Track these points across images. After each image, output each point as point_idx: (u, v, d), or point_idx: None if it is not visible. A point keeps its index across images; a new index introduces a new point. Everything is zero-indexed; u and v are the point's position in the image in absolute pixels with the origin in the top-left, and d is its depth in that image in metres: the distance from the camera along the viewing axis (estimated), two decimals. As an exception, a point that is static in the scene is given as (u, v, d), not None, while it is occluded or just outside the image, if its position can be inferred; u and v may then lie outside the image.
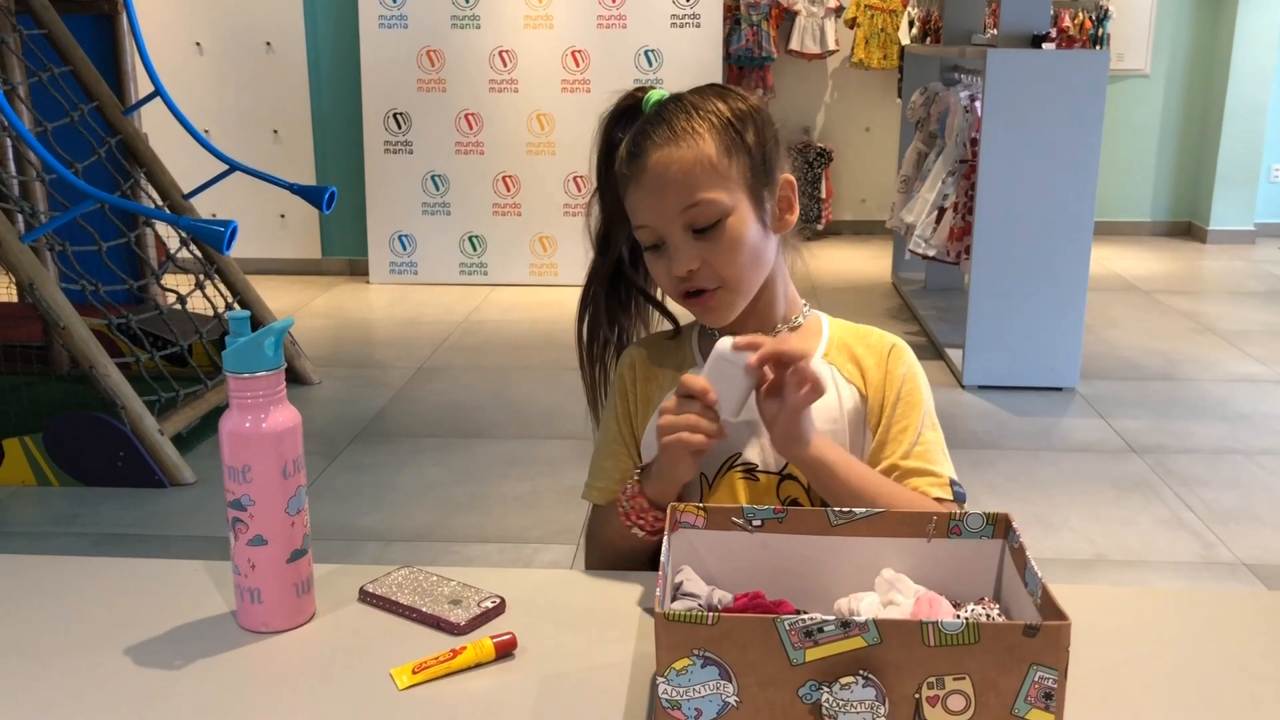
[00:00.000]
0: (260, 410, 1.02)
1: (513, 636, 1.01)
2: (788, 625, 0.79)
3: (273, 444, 1.03)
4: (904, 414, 1.23)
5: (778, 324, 1.27)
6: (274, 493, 1.03)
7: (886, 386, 1.24)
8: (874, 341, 1.28)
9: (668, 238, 1.19)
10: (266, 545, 1.04)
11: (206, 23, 6.09)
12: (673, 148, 1.17)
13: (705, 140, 1.18)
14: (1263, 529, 3.09)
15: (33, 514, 3.24)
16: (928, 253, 4.75)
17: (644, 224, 1.20)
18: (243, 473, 1.02)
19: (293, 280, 6.20)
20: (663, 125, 1.19)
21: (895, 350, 1.26)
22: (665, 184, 1.17)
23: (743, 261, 1.19)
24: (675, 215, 1.17)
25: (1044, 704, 0.80)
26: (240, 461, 1.02)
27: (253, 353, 1.01)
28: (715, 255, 1.18)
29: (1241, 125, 7.06)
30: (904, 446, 1.21)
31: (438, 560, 2.84)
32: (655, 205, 1.18)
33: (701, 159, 1.17)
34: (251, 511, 1.03)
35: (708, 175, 1.17)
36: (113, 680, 0.98)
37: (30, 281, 3.39)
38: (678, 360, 1.31)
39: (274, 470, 1.03)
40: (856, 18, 7.09)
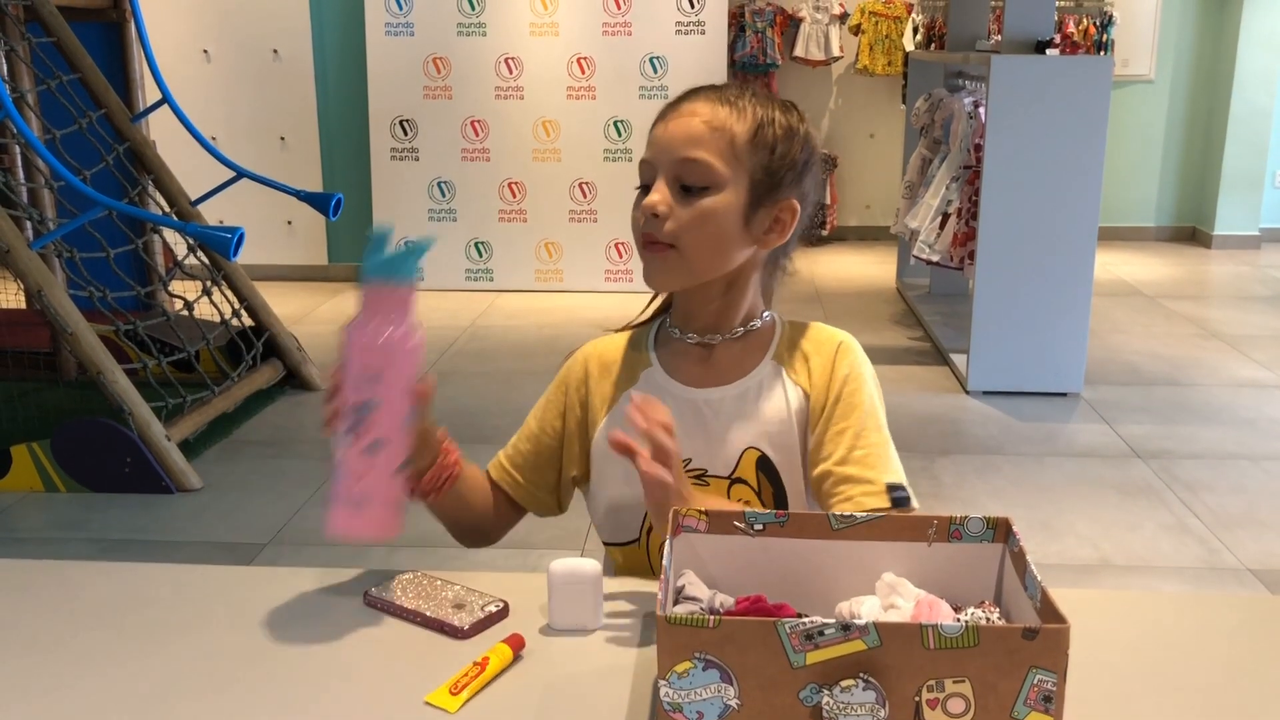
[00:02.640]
0: (398, 322, 1.04)
1: (520, 636, 1.02)
2: (788, 628, 0.79)
3: (406, 355, 1.05)
4: (843, 415, 1.21)
5: (735, 326, 1.27)
6: (399, 402, 1.06)
7: (830, 386, 1.23)
8: (822, 339, 1.27)
9: (656, 176, 1.20)
10: (384, 453, 1.06)
11: (214, 30, 6.11)
12: (711, 105, 1.20)
13: (741, 120, 1.19)
14: (1267, 534, 3.09)
15: (40, 520, 3.26)
16: (932, 258, 4.75)
17: (647, 156, 1.21)
18: (376, 378, 1.04)
19: (299, 286, 6.21)
20: (716, 90, 1.22)
21: (841, 348, 1.25)
22: (683, 129, 1.19)
23: (705, 236, 1.19)
24: (674, 161, 1.18)
25: (1043, 707, 0.80)
26: (375, 368, 1.04)
27: (402, 265, 1.03)
28: (685, 215, 1.18)
29: (1246, 130, 7.06)
30: (840, 450, 1.20)
31: (443, 565, 2.84)
32: (664, 143, 1.20)
33: (727, 129, 1.19)
34: (375, 418, 1.05)
35: (724, 146, 1.18)
36: (121, 684, 0.99)
37: (38, 288, 3.41)
38: (633, 360, 1.31)
39: (402, 380, 1.06)
40: (861, 24, 7.10)
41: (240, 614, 1.11)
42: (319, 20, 6.11)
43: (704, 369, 1.27)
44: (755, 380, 1.25)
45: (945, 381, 4.48)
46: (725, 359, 1.26)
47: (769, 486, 1.23)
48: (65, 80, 4.03)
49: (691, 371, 1.27)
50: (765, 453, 1.23)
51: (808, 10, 7.08)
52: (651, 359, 1.30)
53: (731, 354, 1.27)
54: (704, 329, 1.27)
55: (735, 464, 1.23)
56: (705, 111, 1.19)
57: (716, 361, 1.26)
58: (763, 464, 1.23)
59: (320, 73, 6.17)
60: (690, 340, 1.27)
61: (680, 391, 1.26)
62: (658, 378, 1.28)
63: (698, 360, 1.27)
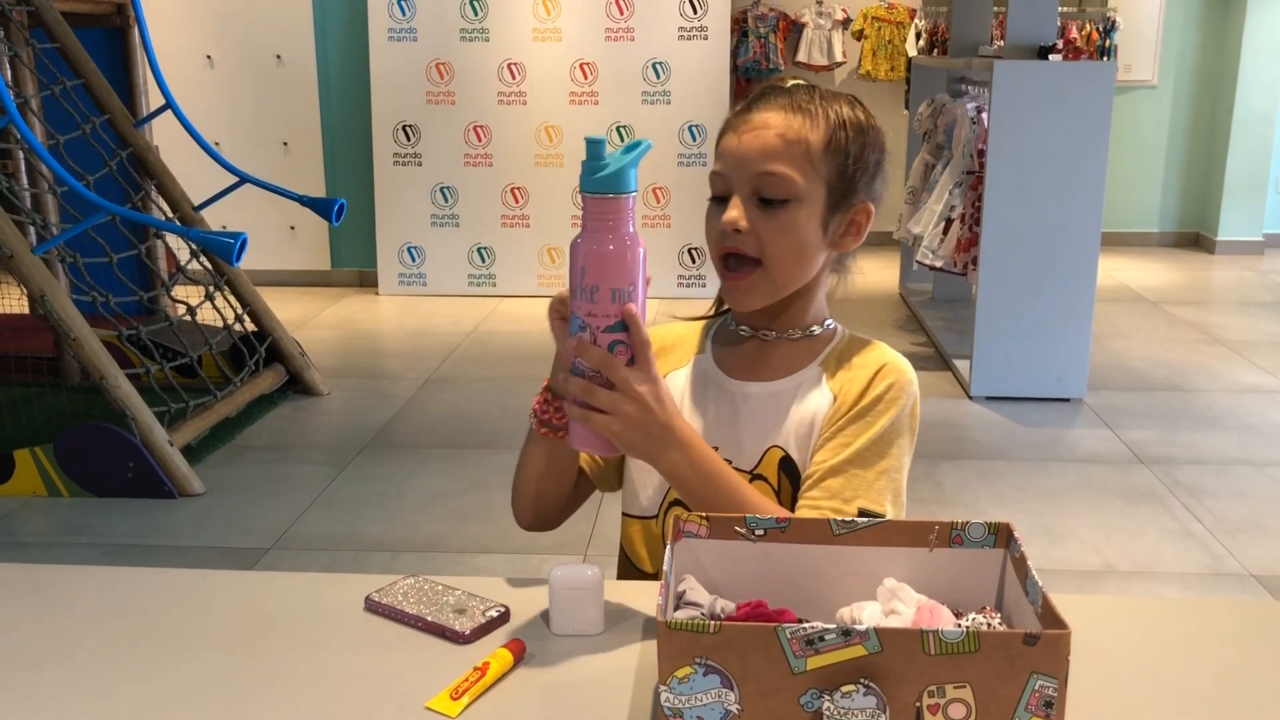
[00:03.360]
0: (635, 230, 1.03)
1: (520, 642, 1.02)
2: (789, 633, 0.79)
3: (644, 263, 1.04)
4: (856, 431, 1.19)
5: (794, 329, 1.27)
6: (644, 308, 1.05)
7: (859, 400, 1.21)
8: (870, 357, 1.25)
9: (733, 190, 1.19)
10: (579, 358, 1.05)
11: (217, 36, 6.12)
12: (783, 114, 1.19)
13: (815, 128, 1.19)
14: (1271, 540, 3.09)
15: (43, 525, 3.26)
16: (935, 264, 4.75)
17: (721, 170, 1.20)
18: (629, 292, 1.02)
19: (302, 292, 6.22)
20: (786, 94, 1.21)
21: (885, 369, 1.23)
22: (758, 140, 1.18)
23: (789, 250, 1.19)
24: (751, 175, 1.17)
25: (1044, 713, 0.80)
26: (628, 281, 1.02)
27: (627, 174, 1.00)
28: (768, 230, 1.18)
29: (1249, 136, 7.06)
30: (832, 461, 1.18)
31: (446, 571, 2.85)
32: (740, 155, 1.18)
33: (802, 138, 1.18)
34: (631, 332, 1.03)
35: (800, 155, 1.18)
36: (123, 689, 0.99)
37: (41, 293, 3.41)
38: (690, 346, 1.32)
39: (645, 285, 1.04)
40: (864, 30, 7.11)
41: (241, 618, 1.11)
42: (322, 26, 6.12)
43: (751, 364, 1.27)
44: (795, 382, 1.25)
45: (948, 387, 4.48)
46: (775, 358, 1.27)
47: (789, 486, 1.23)
48: (69, 86, 4.04)
49: (739, 365, 1.28)
50: (789, 453, 1.23)
51: (810, 15, 7.08)
52: (706, 346, 1.31)
53: (783, 354, 1.27)
54: (761, 326, 1.27)
55: (758, 460, 1.23)
56: (778, 122, 1.18)
57: (766, 359, 1.27)
58: (785, 464, 1.23)
59: (323, 78, 6.18)
60: (744, 334, 1.28)
61: (722, 381, 1.27)
62: (705, 365, 1.29)
63: (748, 355, 1.28)
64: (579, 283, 1.02)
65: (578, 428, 1.08)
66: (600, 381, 1.05)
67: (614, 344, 1.04)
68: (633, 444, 1.08)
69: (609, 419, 1.06)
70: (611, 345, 1.03)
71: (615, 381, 1.05)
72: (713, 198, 1.22)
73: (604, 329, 1.03)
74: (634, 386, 1.05)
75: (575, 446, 1.10)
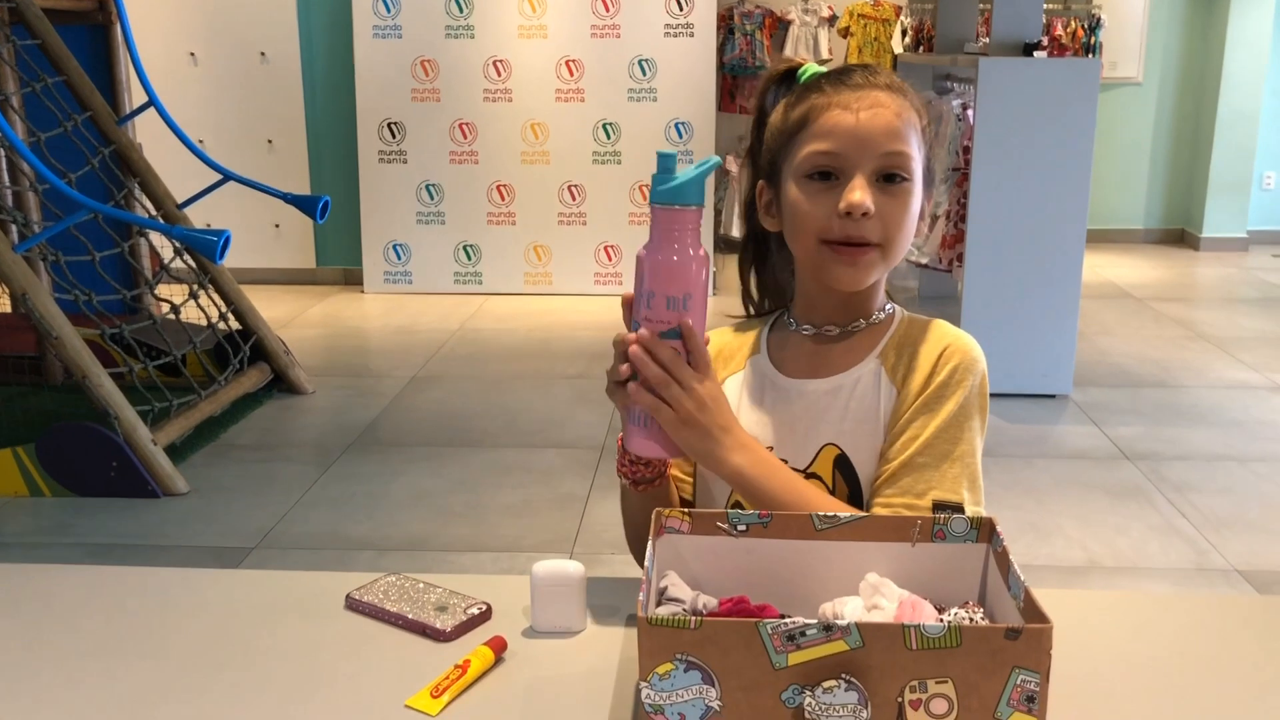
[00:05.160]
0: (697, 243, 1.04)
1: (502, 639, 1.02)
2: (770, 629, 0.79)
3: (707, 276, 1.06)
4: (924, 423, 1.16)
5: (857, 319, 1.23)
6: (703, 321, 1.07)
7: (925, 387, 1.18)
8: (932, 340, 1.21)
9: (853, 170, 1.13)
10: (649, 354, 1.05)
11: (201, 33, 6.09)
12: (890, 95, 1.15)
13: (912, 109, 1.17)
14: (1256, 535, 3.10)
15: (25, 524, 3.24)
16: (921, 261, 4.76)
17: (835, 148, 1.13)
18: (684, 300, 1.04)
19: (287, 290, 6.20)
20: (879, 74, 1.17)
21: (949, 350, 1.19)
22: (880, 119, 1.13)
23: (907, 233, 1.16)
24: (877, 154, 1.13)
25: (1026, 707, 0.80)
26: (683, 290, 1.04)
27: (694, 187, 1.02)
28: (892, 212, 1.14)
29: (1233, 133, 7.09)
30: (902, 456, 1.15)
31: (431, 569, 2.84)
32: (860, 133, 1.13)
33: (912, 119, 1.15)
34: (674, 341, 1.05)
35: (914, 135, 1.15)
36: (103, 687, 0.98)
37: (23, 292, 3.39)
38: (746, 347, 1.29)
39: (705, 298, 1.06)
40: (850, 27, 7.12)
41: (222, 617, 1.10)
42: (307, 23, 6.10)
43: (808, 361, 1.24)
44: (853, 377, 1.21)
45: (934, 383, 4.48)
46: (833, 353, 1.23)
47: (844, 485, 1.19)
48: (50, 83, 4.01)
49: (795, 362, 1.24)
50: (844, 451, 1.19)
51: (796, 13, 7.08)
52: (762, 346, 1.28)
53: (840, 348, 1.23)
54: (825, 320, 1.23)
55: (813, 458, 1.20)
56: (891, 101, 1.14)
57: (824, 354, 1.23)
58: (840, 462, 1.19)
59: (308, 75, 6.15)
60: (805, 331, 1.24)
61: (779, 380, 1.24)
62: (762, 364, 1.26)
63: (804, 352, 1.24)
64: (640, 289, 1.05)
65: (636, 432, 1.08)
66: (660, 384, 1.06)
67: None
68: (694, 444, 1.08)
69: (674, 415, 1.06)
70: None
71: (679, 380, 1.05)
72: (816, 173, 1.15)
73: (661, 334, 1.05)
74: (696, 387, 1.06)
75: (633, 450, 1.10)
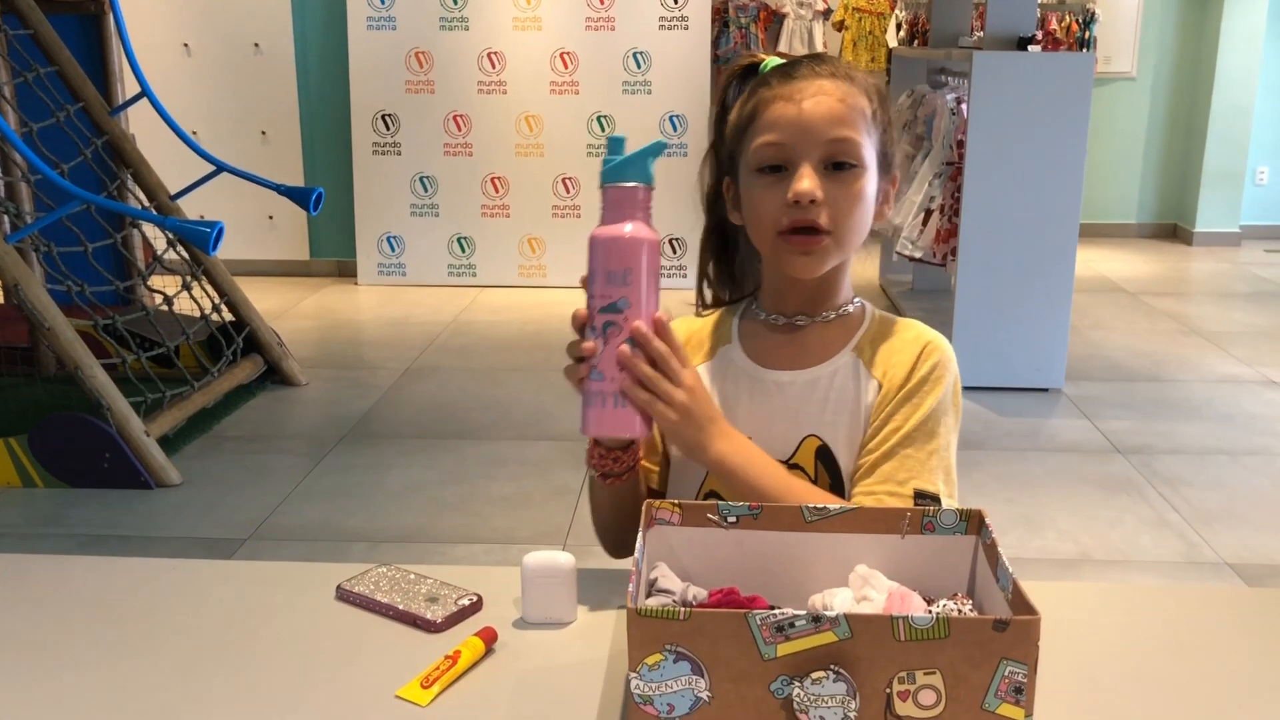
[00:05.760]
0: (641, 221, 1.05)
1: (492, 629, 1.02)
2: (759, 620, 0.79)
3: (651, 251, 1.06)
4: (905, 414, 1.18)
5: (827, 310, 1.24)
6: (649, 297, 1.06)
7: (905, 383, 1.19)
8: (910, 337, 1.24)
9: (799, 159, 1.14)
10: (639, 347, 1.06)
11: (194, 23, 6.07)
12: (835, 82, 1.16)
13: (864, 95, 1.17)
14: (1246, 529, 3.11)
15: (18, 515, 3.23)
16: (914, 255, 4.76)
17: (780, 140, 1.15)
18: (623, 276, 1.04)
19: (281, 281, 6.19)
20: (824, 63, 1.18)
21: (928, 348, 1.21)
22: (823, 106, 1.14)
23: (859, 219, 1.17)
24: (821, 141, 1.14)
25: (1014, 699, 0.80)
26: (623, 265, 1.04)
27: (638, 167, 1.05)
28: (841, 198, 1.14)
29: (1227, 128, 7.10)
30: (885, 446, 1.17)
31: (424, 561, 2.83)
32: (803, 122, 1.14)
33: (859, 104, 1.16)
34: (627, 314, 1.05)
35: (861, 120, 1.16)
36: (93, 677, 0.98)
37: (15, 282, 3.38)
38: (715, 337, 1.29)
39: (651, 274, 1.06)
40: (844, 20, 7.11)
41: (213, 608, 1.10)
42: (300, 14, 6.08)
43: (783, 351, 1.24)
44: (831, 369, 1.22)
45: (927, 377, 4.48)
46: (808, 343, 1.24)
47: (826, 476, 1.20)
48: (43, 73, 4.00)
49: (770, 352, 1.24)
50: (826, 442, 1.20)
51: (791, 6, 7.08)
52: (733, 336, 1.28)
53: (815, 338, 1.24)
54: (795, 310, 1.24)
55: (794, 450, 1.21)
56: (835, 89, 1.15)
57: (798, 344, 1.23)
58: (822, 453, 1.20)
59: (302, 67, 6.13)
60: (777, 321, 1.25)
61: (753, 370, 1.24)
62: (734, 354, 1.26)
63: (779, 343, 1.25)
64: (589, 267, 1.07)
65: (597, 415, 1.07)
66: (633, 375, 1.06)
67: (607, 324, 1.05)
68: (683, 435, 1.10)
69: (666, 408, 1.07)
70: (605, 326, 1.05)
71: (668, 374, 1.07)
72: (765, 168, 1.16)
73: (599, 309, 1.05)
74: (685, 379, 1.07)
75: (593, 433, 1.11)
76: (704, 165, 1.30)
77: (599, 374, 1.06)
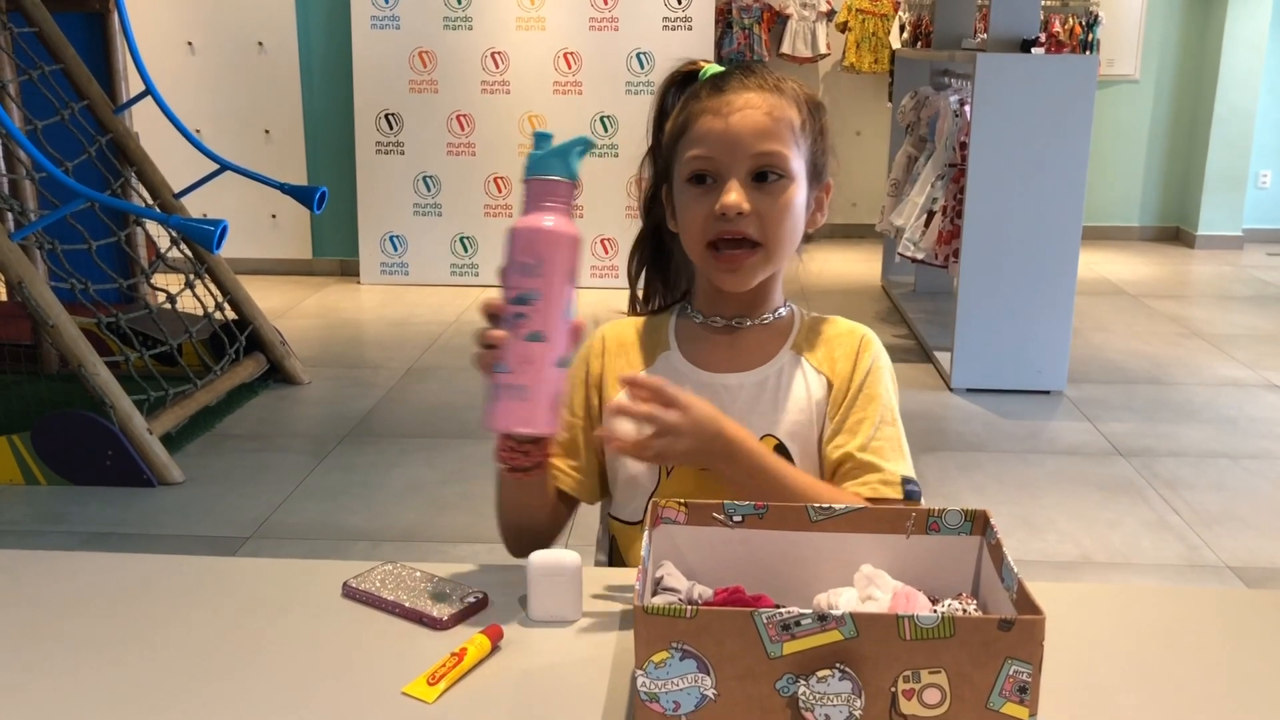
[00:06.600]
0: (559, 214, 1.04)
1: (498, 627, 1.02)
2: (765, 618, 0.80)
3: (566, 245, 1.04)
4: (863, 405, 1.22)
5: (764, 313, 1.27)
6: (560, 292, 1.04)
7: (853, 376, 1.24)
8: (843, 331, 1.28)
9: (726, 173, 1.16)
10: (543, 343, 1.04)
11: (198, 22, 6.08)
12: (761, 93, 1.18)
13: (790, 105, 1.19)
14: (1247, 532, 3.11)
15: (20, 513, 3.24)
16: (917, 256, 4.76)
17: (707, 153, 1.17)
18: (535, 267, 1.03)
19: (283, 280, 6.19)
20: (752, 75, 1.20)
21: (864, 341, 1.26)
22: (747, 120, 1.16)
23: (788, 229, 1.18)
24: (747, 155, 1.16)
25: (1019, 698, 0.80)
26: (534, 256, 1.03)
27: (560, 161, 1.04)
28: (769, 210, 1.16)
29: (1230, 131, 7.10)
30: (859, 439, 1.20)
31: (426, 560, 2.84)
32: (729, 136, 1.16)
33: (786, 116, 1.18)
34: (536, 306, 1.03)
35: (788, 133, 1.17)
36: (98, 674, 0.98)
37: (19, 280, 3.38)
38: (651, 342, 1.29)
39: (563, 271, 1.04)
40: (848, 22, 7.11)
41: (218, 605, 1.10)
42: (304, 13, 6.09)
43: (724, 354, 1.25)
44: (775, 368, 1.25)
45: (929, 379, 4.49)
46: (748, 346, 1.26)
47: None
48: (47, 71, 4.00)
49: (711, 357, 1.26)
50: (782, 440, 1.22)
51: (795, 7, 7.08)
52: (670, 342, 1.28)
53: (754, 341, 1.26)
54: (733, 314, 1.26)
55: None
56: (762, 102, 1.17)
57: (738, 348, 1.25)
58: (779, 452, 1.22)
59: (305, 66, 6.14)
60: (716, 324, 1.26)
61: (698, 376, 1.25)
62: (675, 361, 1.27)
63: (718, 346, 1.26)
64: (504, 255, 1.07)
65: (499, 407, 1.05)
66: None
67: (517, 315, 1.04)
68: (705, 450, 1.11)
69: (674, 440, 1.09)
70: (515, 316, 1.04)
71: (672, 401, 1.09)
72: (691, 177, 1.18)
73: (509, 300, 1.05)
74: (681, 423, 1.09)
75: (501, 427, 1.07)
76: (641, 169, 1.31)
77: (504, 366, 1.04)
